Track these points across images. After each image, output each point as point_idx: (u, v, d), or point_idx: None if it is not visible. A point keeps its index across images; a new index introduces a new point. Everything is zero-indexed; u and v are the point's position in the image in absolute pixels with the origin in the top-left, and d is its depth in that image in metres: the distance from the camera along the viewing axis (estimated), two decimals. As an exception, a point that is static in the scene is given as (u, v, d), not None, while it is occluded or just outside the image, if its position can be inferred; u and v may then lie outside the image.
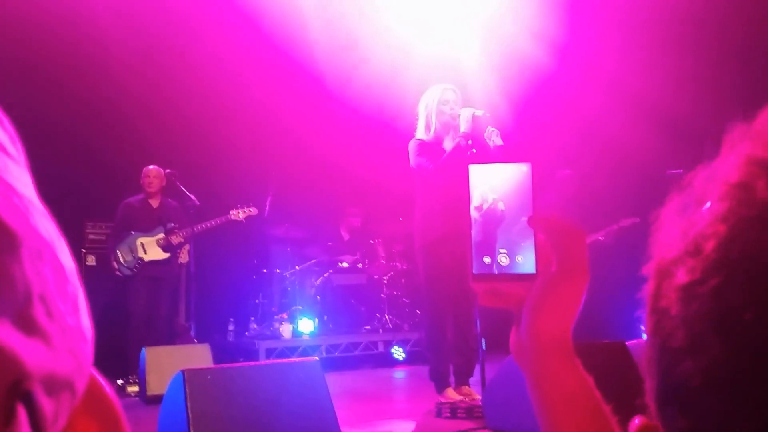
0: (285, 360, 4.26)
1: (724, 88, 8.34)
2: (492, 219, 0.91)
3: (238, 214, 7.88)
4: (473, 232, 0.91)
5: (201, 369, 4.19)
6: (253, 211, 8.00)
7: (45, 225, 0.54)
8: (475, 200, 0.92)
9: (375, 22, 9.17)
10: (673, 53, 8.58)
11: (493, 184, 0.91)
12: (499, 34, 9.30)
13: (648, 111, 8.76)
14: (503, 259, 0.90)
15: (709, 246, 0.54)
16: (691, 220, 0.58)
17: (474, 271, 0.90)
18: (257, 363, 7.03)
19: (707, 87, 8.37)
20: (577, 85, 9.32)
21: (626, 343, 4.98)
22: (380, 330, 9.20)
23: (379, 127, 9.24)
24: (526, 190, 0.91)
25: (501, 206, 0.91)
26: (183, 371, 3.97)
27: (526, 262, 0.89)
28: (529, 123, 9.45)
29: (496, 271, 0.90)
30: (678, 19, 8.47)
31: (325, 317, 9.21)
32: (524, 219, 0.89)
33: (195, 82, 9.13)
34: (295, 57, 9.37)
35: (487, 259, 0.90)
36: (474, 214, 0.91)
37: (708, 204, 0.56)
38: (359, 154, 9.79)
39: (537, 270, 0.88)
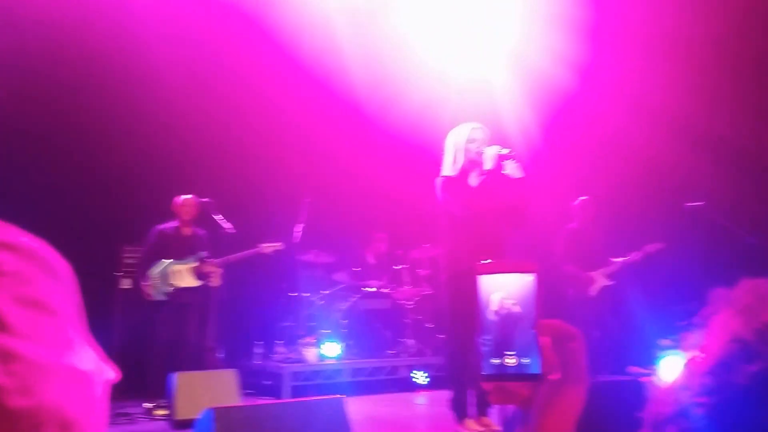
0: (310, 398, 4.42)
1: (750, 105, 8.41)
2: (509, 321, 0.98)
3: (267, 248, 8.11)
4: (492, 335, 0.99)
5: (229, 408, 4.35)
6: (280, 246, 8.23)
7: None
8: (493, 304, 0.99)
9: (410, 56, 9.42)
10: (697, 71, 8.64)
11: (508, 290, 0.98)
12: (525, 60, 9.49)
13: (673, 129, 8.80)
14: (510, 360, 0.97)
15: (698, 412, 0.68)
16: (683, 381, 0.73)
17: (483, 372, 0.99)
18: (283, 401, 7.20)
19: (733, 104, 8.44)
20: (602, 106, 9.41)
21: (641, 379, 5.04)
22: (404, 355, 9.33)
23: (409, 155, 9.41)
24: (533, 298, 0.98)
25: (517, 309, 0.98)
26: (213, 409, 4.14)
27: (531, 363, 0.96)
28: (558, 144, 9.59)
29: (503, 372, 0.98)
30: (699, 37, 8.52)
31: (351, 341, 9.33)
32: (531, 324, 0.97)
33: (232, 113, 9.36)
34: (333, 89, 9.61)
35: (495, 360, 0.98)
36: (492, 317, 0.99)
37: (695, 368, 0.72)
38: (387, 180, 9.94)
39: (541, 371, 0.96)
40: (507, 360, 0.97)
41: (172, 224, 8.00)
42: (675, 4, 8.40)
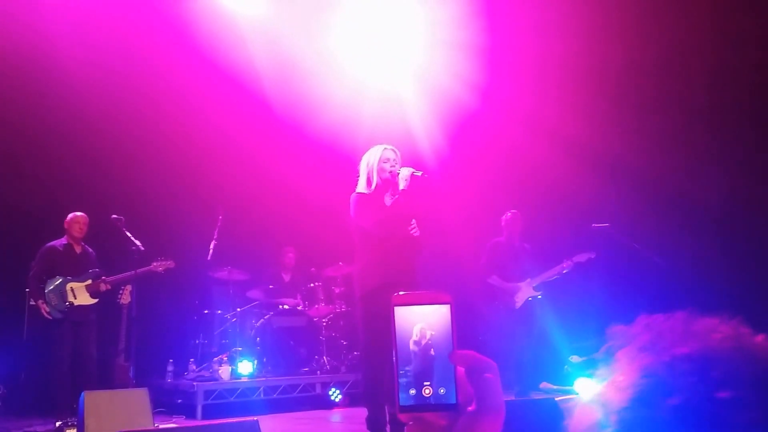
0: (224, 420, 4.35)
1: (648, 132, 8.79)
2: (427, 351, 0.97)
3: (158, 266, 8.09)
4: (411, 366, 0.97)
5: (141, 431, 4.28)
6: (171, 264, 8.19)
7: None
8: (414, 334, 0.98)
9: (328, 71, 9.51)
10: (591, 97, 8.99)
11: (425, 321, 0.98)
12: (430, 78, 9.80)
13: (570, 150, 9.10)
14: (427, 391, 0.96)
15: None
16: (601, 417, 0.77)
17: (400, 403, 0.97)
18: (196, 423, 7.09)
19: (630, 130, 8.81)
20: (502, 126, 9.70)
21: (556, 399, 5.15)
22: (318, 372, 9.32)
23: (325, 174, 9.46)
24: (448, 327, 0.98)
25: (434, 339, 0.98)
26: (124, 432, 4.07)
27: (447, 393, 0.96)
28: (463, 160, 9.81)
29: (420, 403, 0.96)
30: (595, 65, 8.88)
31: (265, 359, 9.26)
32: (447, 354, 0.97)
33: (146, 129, 9.24)
34: (248, 107, 9.59)
35: (412, 391, 0.96)
36: (413, 347, 0.97)
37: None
38: (302, 199, 9.98)
39: (457, 401, 0.95)
40: (424, 390, 0.97)
41: (62, 241, 7.89)
42: (567, 33, 8.73)
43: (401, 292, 1.01)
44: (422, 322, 0.98)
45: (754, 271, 8.11)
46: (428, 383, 0.97)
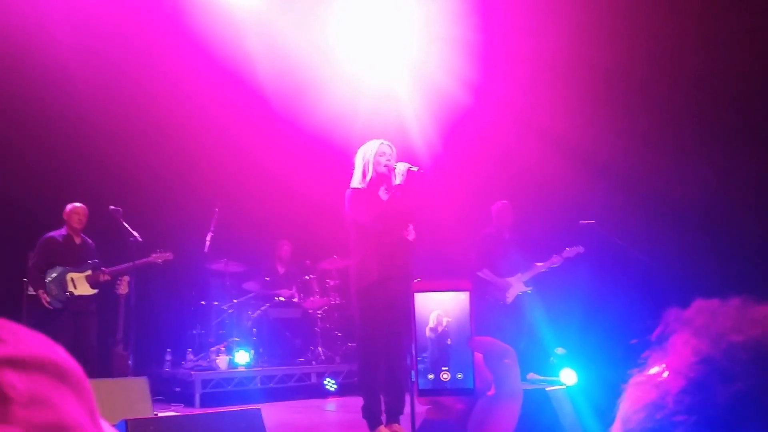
0: (227, 408, 4.48)
1: (636, 132, 8.89)
2: (444, 338, 1.00)
3: (157, 258, 8.21)
4: (428, 352, 1.00)
5: (143, 419, 4.39)
6: (170, 256, 8.31)
7: None
8: (431, 321, 1.00)
9: (324, 65, 9.60)
10: (582, 97, 9.07)
11: (443, 308, 1.00)
12: (424, 74, 9.87)
13: (560, 149, 9.19)
14: (445, 376, 0.99)
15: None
16: (655, 399, 0.77)
17: (419, 387, 0.99)
18: (199, 411, 7.20)
19: (618, 130, 8.91)
20: (495, 124, 9.80)
21: (547, 389, 5.26)
22: (313, 362, 9.48)
23: (321, 166, 9.56)
24: (466, 314, 1.00)
25: (452, 326, 1.00)
26: (126, 421, 4.17)
27: (465, 378, 0.98)
28: (455, 157, 9.89)
29: (438, 387, 0.99)
30: (586, 65, 8.97)
31: (261, 349, 9.41)
32: (465, 341, 0.99)
33: (144, 121, 9.29)
34: (245, 99, 9.67)
35: (430, 376, 0.99)
36: (429, 334, 1.00)
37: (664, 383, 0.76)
38: (298, 191, 10.07)
39: (475, 386, 0.98)
40: (442, 375, 0.99)
41: (61, 232, 7.96)
42: (560, 33, 8.80)
43: (418, 279, 1.08)
44: (439, 308, 1.01)
45: (740, 267, 8.21)
46: (446, 368, 0.99)
